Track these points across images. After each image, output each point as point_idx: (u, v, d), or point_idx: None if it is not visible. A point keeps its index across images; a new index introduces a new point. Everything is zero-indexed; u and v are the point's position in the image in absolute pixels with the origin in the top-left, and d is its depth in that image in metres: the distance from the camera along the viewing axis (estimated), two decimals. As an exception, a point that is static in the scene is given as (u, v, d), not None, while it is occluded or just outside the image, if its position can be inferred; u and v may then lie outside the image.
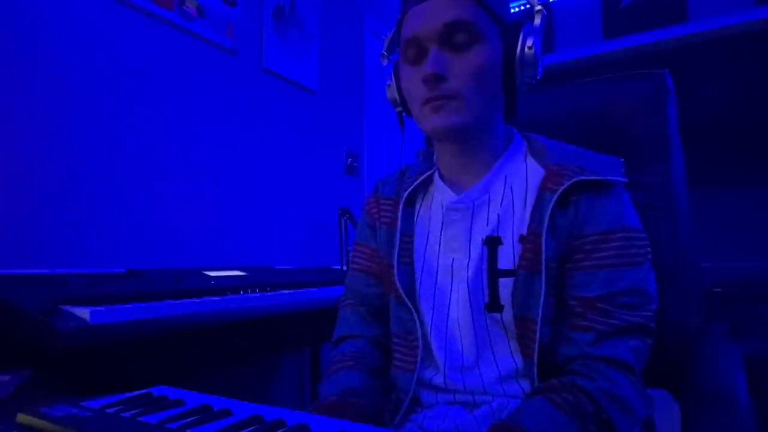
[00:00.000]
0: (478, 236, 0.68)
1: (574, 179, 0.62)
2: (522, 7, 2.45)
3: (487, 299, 0.65)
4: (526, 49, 0.65)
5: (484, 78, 0.64)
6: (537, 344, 0.61)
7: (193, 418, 0.40)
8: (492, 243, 0.66)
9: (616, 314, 0.59)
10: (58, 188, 1.46)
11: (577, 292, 0.61)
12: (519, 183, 0.69)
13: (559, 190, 0.62)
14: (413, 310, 0.70)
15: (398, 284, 0.70)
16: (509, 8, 0.69)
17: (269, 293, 1.38)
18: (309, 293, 1.49)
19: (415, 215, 0.75)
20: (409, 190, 0.75)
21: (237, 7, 2.06)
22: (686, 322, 0.73)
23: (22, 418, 0.40)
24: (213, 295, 1.22)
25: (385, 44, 0.77)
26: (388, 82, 0.77)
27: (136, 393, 0.47)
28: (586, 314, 0.60)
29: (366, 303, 0.80)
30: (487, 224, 0.68)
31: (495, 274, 0.65)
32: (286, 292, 1.44)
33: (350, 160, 2.80)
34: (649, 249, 0.63)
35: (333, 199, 2.60)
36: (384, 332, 0.79)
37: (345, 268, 2.23)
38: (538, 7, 0.68)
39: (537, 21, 0.67)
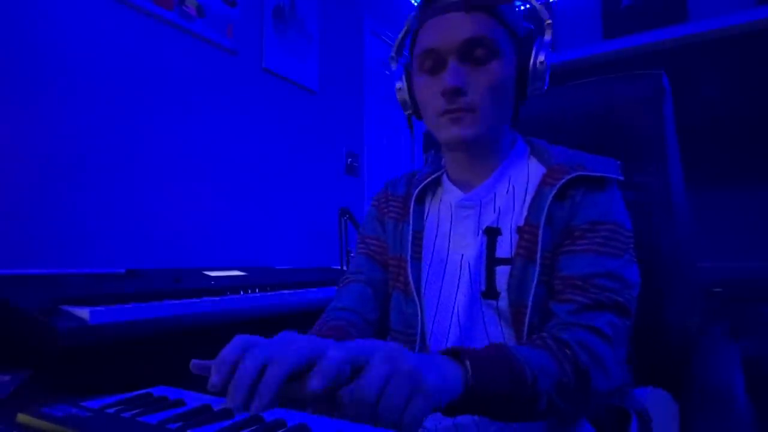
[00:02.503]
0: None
1: (573, 174, 0.66)
2: (523, 7, 2.45)
3: (483, 287, 0.68)
4: (538, 63, 0.67)
5: (499, 91, 0.67)
6: (526, 327, 0.63)
7: (193, 418, 0.40)
8: (491, 233, 0.69)
9: (593, 291, 0.62)
10: (59, 188, 1.46)
11: (560, 273, 0.64)
12: (521, 180, 0.72)
13: (558, 184, 0.66)
14: (418, 304, 0.72)
15: (410, 278, 0.73)
16: (523, 22, 0.71)
17: (269, 293, 1.38)
18: (309, 293, 1.49)
19: (425, 213, 0.78)
20: (420, 187, 0.78)
21: (237, 7, 2.06)
22: (685, 322, 0.74)
23: (22, 418, 0.40)
24: (213, 295, 1.22)
25: (395, 47, 0.77)
26: (398, 85, 0.77)
27: (136, 393, 0.47)
28: (566, 290, 0.63)
29: (372, 285, 0.79)
30: (491, 218, 0.71)
31: (492, 262, 0.68)
32: (286, 292, 1.44)
33: (350, 160, 2.80)
34: (632, 245, 0.66)
35: (333, 199, 2.60)
36: (380, 321, 0.78)
37: (345, 268, 2.23)
38: (548, 21, 0.70)
39: (548, 36, 0.69)
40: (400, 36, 0.76)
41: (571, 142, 0.76)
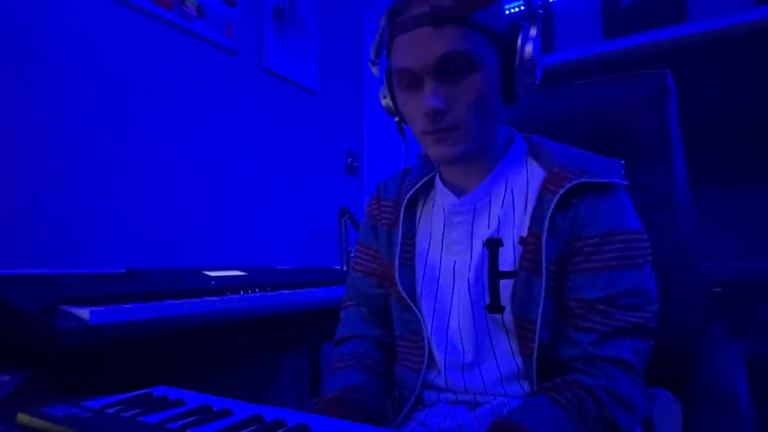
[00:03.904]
0: (479, 238, 0.68)
1: (575, 181, 0.62)
2: (519, 8, 2.45)
3: (488, 300, 0.66)
4: (525, 55, 0.63)
5: (483, 103, 0.62)
6: (536, 344, 0.61)
7: (193, 418, 0.40)
8: (492, 245, 0.66)
9: (616, 315, 0.60)
10: (59, 188, 1.45)
11: (578, 294, 0.62)
12: (520, 185, 0.69)
13: (560, 192, 0.62)
14: (417, 311, 0.70)
15: (399, 286, 0.71)
16: (503, 18, 0.64)
17: (269, 293, 1.37)
18: (309, 293, 1.49)
19: (417, 218, 0.76)
20: (411, 193, 0.75)
21: (237, 7, 2.06)
22: (687, 322, 0.73)
23: (22, 418, 0.40)
24: (213, 295, 1.22)
25: (372, 51, 0.70)
26: (382, 92, 0.73)
27: (136, 393, 0.47)
28: (587, 315, 0.60)
29: (368, 304, 0.80)
30: (488, 226, 0.68)
31: (496, 275, 0.65)
32: (286, 292, 1.43)
33: (350, 160, 2.80)
34: (649, 251, 0.63)
35: (333, 199, 2.60)
36: (385, 332, 0.79)
37: (345, 268, 2.22)
38: (538, 11, 0.65)
39: (533, 31, 0.64)
40: (375, 42, 0.68)
41: (574, 141, 0.76)
